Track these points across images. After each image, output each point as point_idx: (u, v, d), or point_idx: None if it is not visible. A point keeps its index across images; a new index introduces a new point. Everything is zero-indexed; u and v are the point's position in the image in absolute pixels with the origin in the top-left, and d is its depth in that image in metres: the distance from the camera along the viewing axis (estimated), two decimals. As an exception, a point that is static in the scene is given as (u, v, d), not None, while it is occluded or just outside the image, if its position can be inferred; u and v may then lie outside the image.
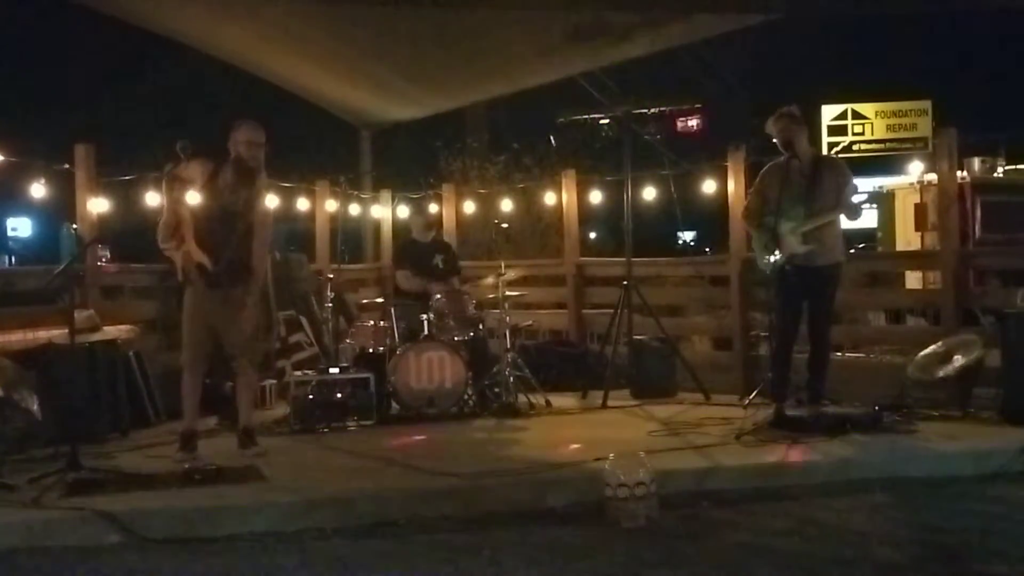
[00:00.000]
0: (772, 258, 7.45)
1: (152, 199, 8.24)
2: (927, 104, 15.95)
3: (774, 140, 7.53)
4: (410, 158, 17.98)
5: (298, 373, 8.27)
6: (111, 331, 8.03)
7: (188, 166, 6.63)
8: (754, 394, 7.74)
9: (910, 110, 16.20)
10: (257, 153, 6.76)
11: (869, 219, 15.95)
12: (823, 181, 7.48)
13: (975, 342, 7.60)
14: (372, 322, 8.65)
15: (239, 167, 6.71)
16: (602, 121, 9.96)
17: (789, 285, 7.36)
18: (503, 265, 8.84)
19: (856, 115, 16.21)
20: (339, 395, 7.85)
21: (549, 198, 11.85)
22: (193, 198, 6.62)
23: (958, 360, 7.52)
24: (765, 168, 7.85)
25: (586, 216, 11.97)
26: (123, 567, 4.84)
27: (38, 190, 8.66)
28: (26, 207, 25.12)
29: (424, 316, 8.44)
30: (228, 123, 6.82)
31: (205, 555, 4.98)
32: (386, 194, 12.57)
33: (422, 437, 7.44)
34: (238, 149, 6.71)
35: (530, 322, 10.22)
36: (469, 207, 12.35)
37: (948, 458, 6.41)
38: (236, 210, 6.74)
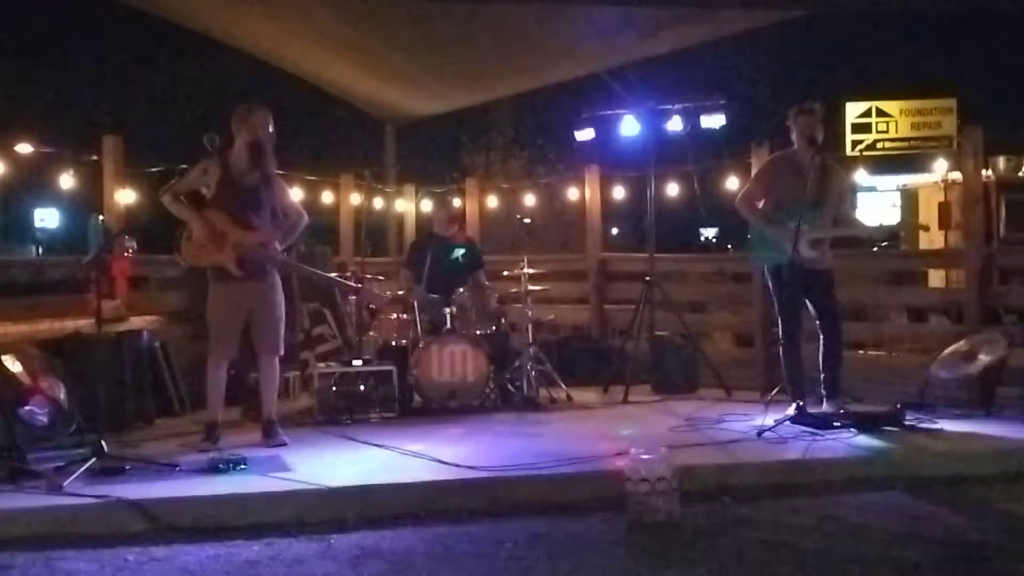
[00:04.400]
0: (774, 253, 7.44)
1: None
2: (952, 102, 15.82)
3: (794, 133, 7.48)
4: (434, 152, 18.03)
5: (322, 365, 8.31)
6: (137, 321, 8.10)
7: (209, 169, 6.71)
8: (775, 391, 7.72)
9: (935, 108, 16.10)
10: (271, 136, 6.82)
11: (892, 217, 15.90)
12: (831, 187, 7.46)
13: (999, 341, 7.58)
14: (395, 315, 8.68)
15: (255, 151, 6.72)
16: (626, 117, 9.99)
17: (790, 284, 7.31)
18: (525, 260, 8.86)
19: (880, 113, 16.11)
20: (362, 387, 7.90)
21: (572, 193, 11.87)
22: (214, 191, 6.72)
23: (981, 359, 7.50)
24: (773, 158, 7.83)
25: (609, 212, 11.98)
26: (147, 555, 4.89)
27: (66, 181, 8.76)
28: (54, 198, 25.29)
29: (447, 310, 8.47)
30: (225, 110, 6.86)
31: (229, 544, 5.03)
32: (410, 188, 12.63)
33: (444, 430, 7.47)
34: (256, 133, 6.73)
35: (552, 317, 10.24)
36: (492, 202, 12.38)
37: (970, 457, 6.39)
38: (256, 193, 6.80)
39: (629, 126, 9.63)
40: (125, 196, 8.64)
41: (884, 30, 22.67)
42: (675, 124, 9.48)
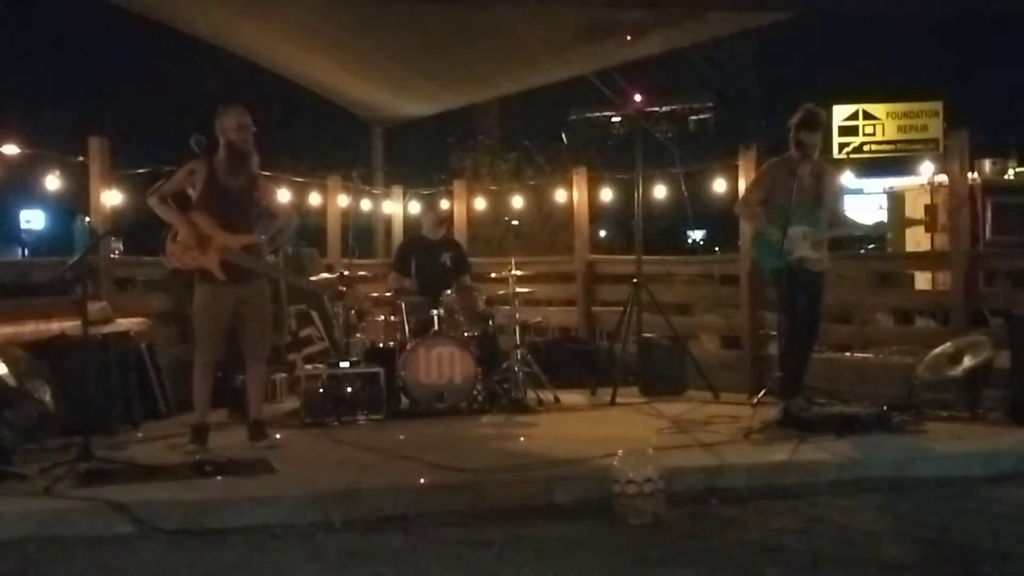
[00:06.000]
0: (781, 257, 7.45)
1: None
2: (938, 105, 15.93)
3: (800, 139, 7.45)
4: (422, 154, 18.01)
5: (309, 367, 8.30)
6: (123, 323, 8.07)
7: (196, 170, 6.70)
8: (762, 393, 7.75)
9: (921, 111, 16.20)
10: (248, 136, 6.78)
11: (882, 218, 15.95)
12: (828, 189, 7.50)
13: (984, 343, 7.60)
14: (383, 317, 8.67)
15: (232, 152, 6.71)
16: (613, 119, 9.98)
17: (793, 285, 7.35)
18: (513, 262, 8.86)
19: (867, 116, 16.20)
20: (349, 389, 7.88)
21: (560, 195, 11.87)
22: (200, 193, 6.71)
23: (967, 361, 7.53)
24: (770, 163, 7.85)
25: (596, 214, 11.99)
26: (134, 558, 4.87)
27: (52, 182, 8.71)
28: (40, 199, 25.21)
29: (434, 312, 8.47)
30: (212, 112, 6.86)
31: (215, 546, 5.01)
32: (397, 190, 12.61)
33: (431, 432, 7.46)
34: (228, 135, 6.71)
35: (540, 319, 10.24)
36: (480, 204, 12.38)
37: (956, 459, 6.42)
38: (241, 195, 6.78)
39: (617, 128, 9.64)
40: (111, 198, 8.61)
41: (871, 33, 22.75)
42: (663, 126, 9.49)
